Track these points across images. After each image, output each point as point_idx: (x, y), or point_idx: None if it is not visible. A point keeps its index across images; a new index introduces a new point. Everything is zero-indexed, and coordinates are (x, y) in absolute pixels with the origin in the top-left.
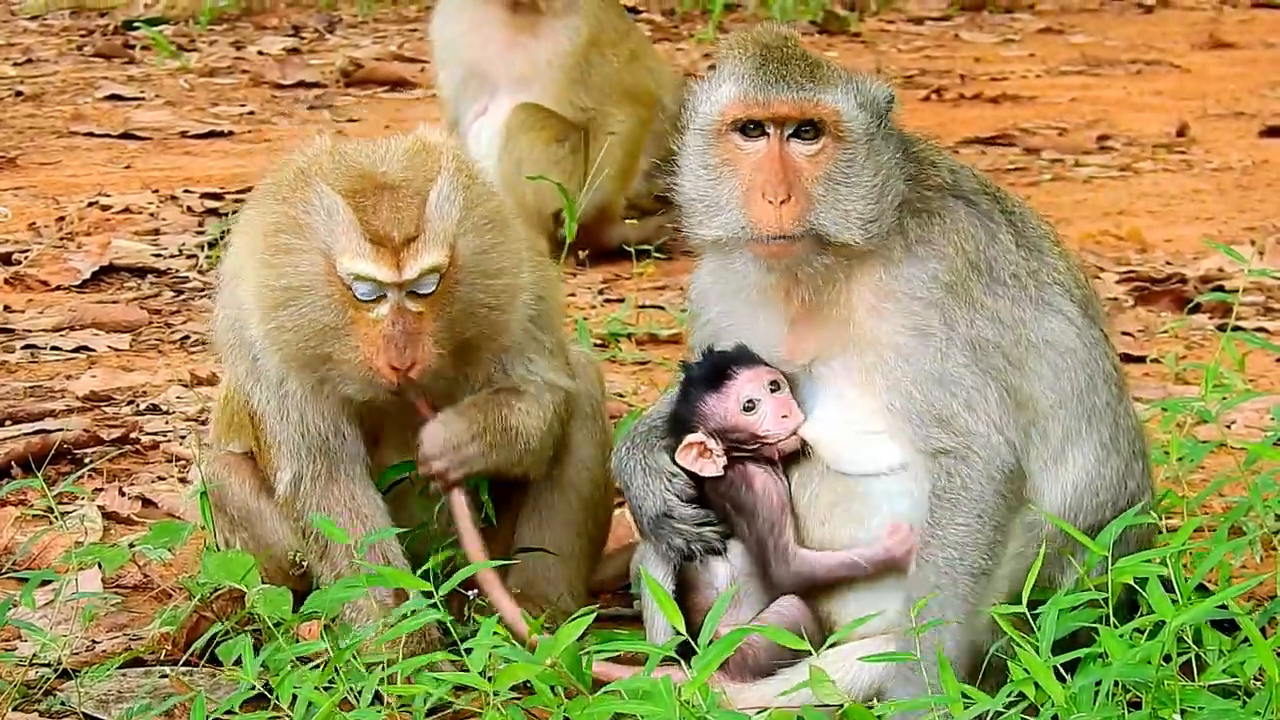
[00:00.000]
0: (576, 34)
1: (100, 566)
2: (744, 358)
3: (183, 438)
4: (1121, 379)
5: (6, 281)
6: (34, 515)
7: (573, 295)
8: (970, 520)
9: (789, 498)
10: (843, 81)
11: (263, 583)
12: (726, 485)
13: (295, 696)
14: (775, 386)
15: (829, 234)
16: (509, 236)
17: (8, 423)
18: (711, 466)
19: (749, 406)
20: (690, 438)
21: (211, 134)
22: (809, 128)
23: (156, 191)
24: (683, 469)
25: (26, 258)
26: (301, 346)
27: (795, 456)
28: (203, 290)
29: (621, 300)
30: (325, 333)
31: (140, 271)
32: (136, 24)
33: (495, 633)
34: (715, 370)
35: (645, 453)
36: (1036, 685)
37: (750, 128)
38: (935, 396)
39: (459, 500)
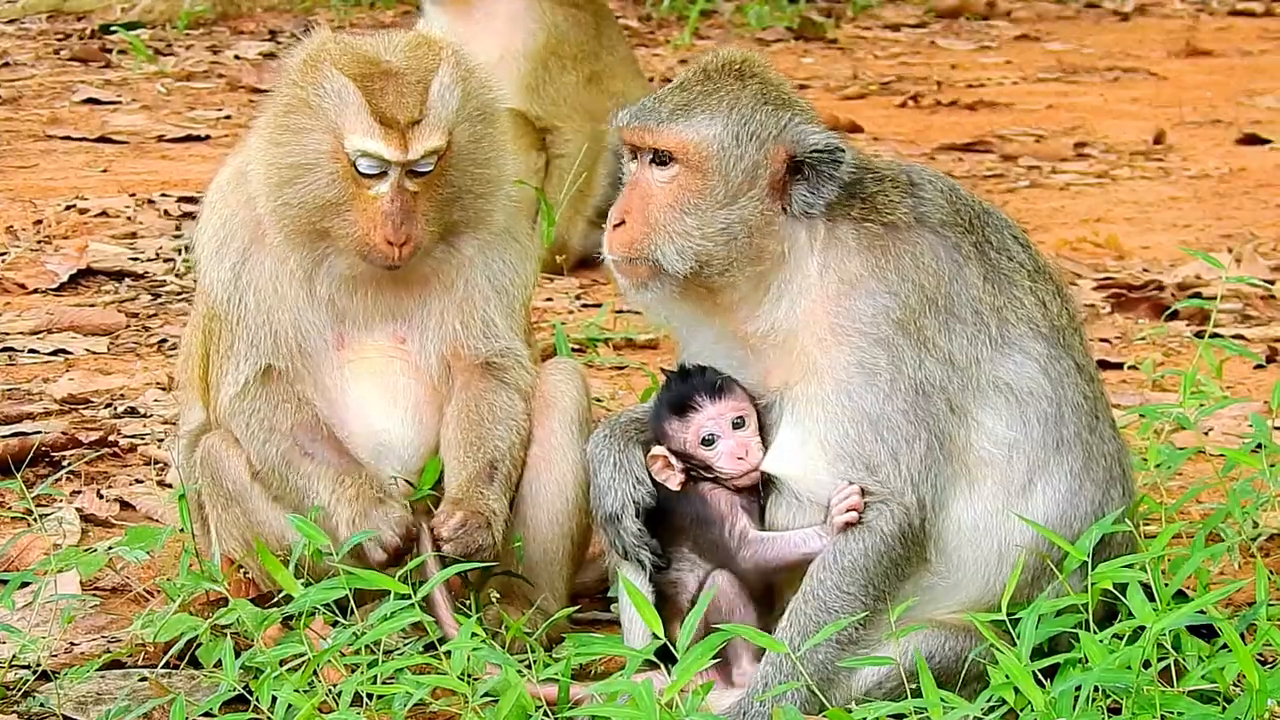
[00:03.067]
0: (531, 38)
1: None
2: (715, 387)
3: (160, 441)
4: (1096, 405)
5: None
6: (12, 517)
7: (549, 300)
8: (855, 591)
9: (744, 503)
10: (722, 115)
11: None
12: (683, 498)
13: (275, 698)
14: (739, 423)
15: (657, 261)
16: (497, 129)
17: None
18: (673, 479)
19: (707, 441)
20: (656, 450)
21: (188, 138)
22: (664, 156)
23: (134, 195)
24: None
25: (4, 261)
26: (304, 223)
27: (767, 484)
28: (180, 294)
29: (599, 306)
30: (327, 208)
31: (118, 275)
32: (113, 28)
33: (474, 634)
34: (681, 397)
35: (622, 444)
36: (1016, 690)
37: (632, 152)
38: (868, 438)
39: (426, 539)
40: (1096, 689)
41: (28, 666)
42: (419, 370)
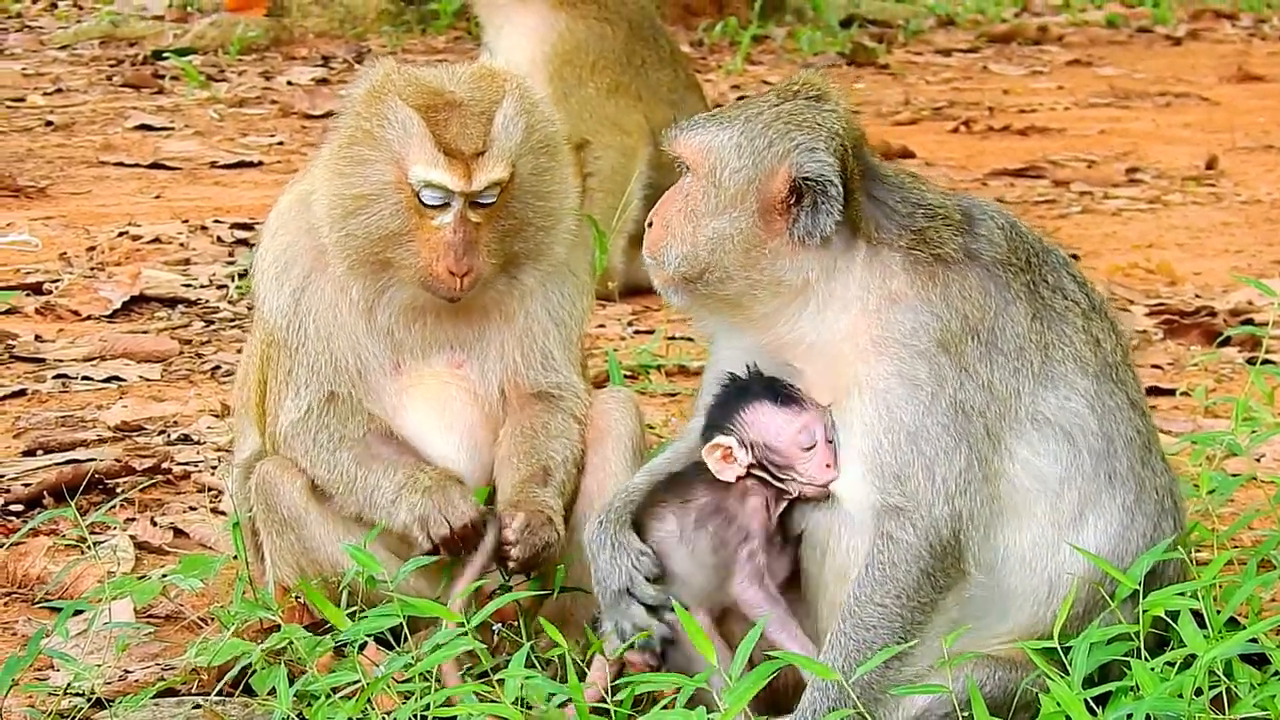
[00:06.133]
0: (547, 45)
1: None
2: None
3: (214, 468)
4: (1149, 439)
5: (38, 311)
6: (66, 545)
7: (602, 327)
8: (889, 601)
9: (772, 528)
10: (734, 128)
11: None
12: (723, 488)
13: None
14: (830, 440)
15: (664, 263)
16: (560, 163)
17: (40, 452)
18: (730, 472)
19: (809, 445)
20: (720, 439)
21: (241, 164)
22: (684, 164)
23: (186, 222)
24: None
25: (57, 287)
26: (368, 253)
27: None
28: (233, 320)
29: (651, 332)
30: (390, 239)
31: (171, 302)
32: (166, 54)
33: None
34: (786, 391)
35: (617, 529)
36: (1068, 718)
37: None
38: (903, 450)
39: (490, 539)
40: (1148, 717)
41: (82, 694)
42: (476, 397)
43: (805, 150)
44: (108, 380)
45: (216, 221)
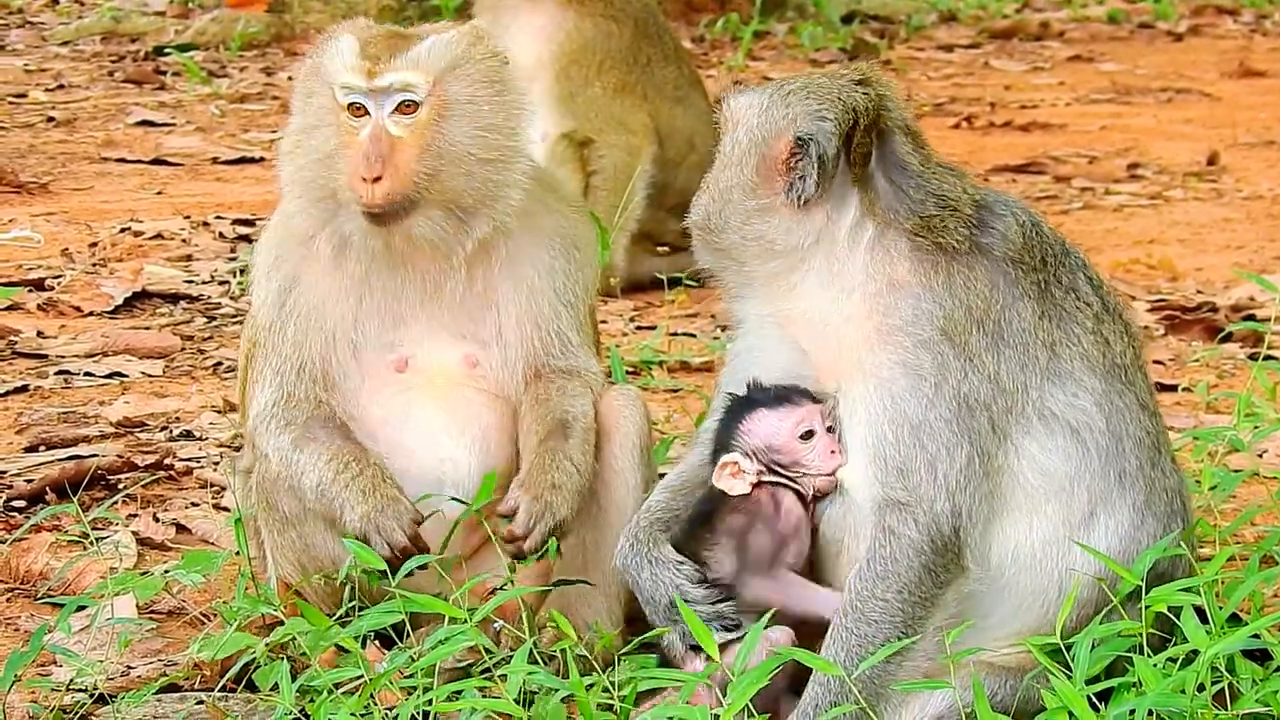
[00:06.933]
0: (555, 44)
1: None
2: (807, 392)
3: (216, 464)
4: (1159, 440)
5: (39, 307)
6: (69, 541)
7: (604, 323)
8: (891, 597)
9: (808, 531)
10: (764, 93)
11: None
12: (753, 502)
13: None
14: (831, 427)
15: (690, 215)
16: (511, 102)
17: (42, 448)
18: (740, 485)
19: (806, 435)
20: (726, 457)
21: (243, 160)
22: None
23: (188, 218)
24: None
25: (59, 284)
26: (314, 185)
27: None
28: (235, 316)
29: (653, 328)
30: (328, 161)
31: (173, 297)
32: (167, 50)
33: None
34: (781, 393)
35: (649, 546)
36: (1071, 715)
37: None
38: (905, 443)
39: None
40: (1151, 713)
41: (85, 690)
42: (490, 396)
43: (812, 116)
44: (110, 376)
45: (218, 217)
